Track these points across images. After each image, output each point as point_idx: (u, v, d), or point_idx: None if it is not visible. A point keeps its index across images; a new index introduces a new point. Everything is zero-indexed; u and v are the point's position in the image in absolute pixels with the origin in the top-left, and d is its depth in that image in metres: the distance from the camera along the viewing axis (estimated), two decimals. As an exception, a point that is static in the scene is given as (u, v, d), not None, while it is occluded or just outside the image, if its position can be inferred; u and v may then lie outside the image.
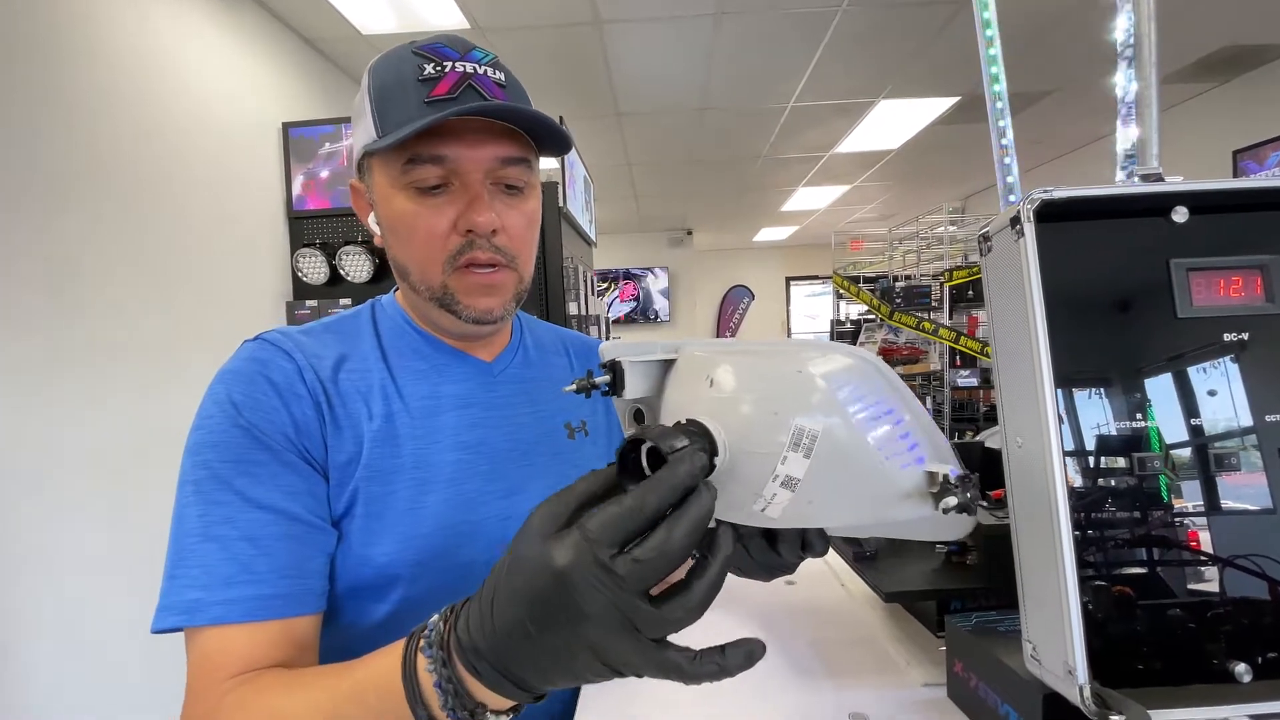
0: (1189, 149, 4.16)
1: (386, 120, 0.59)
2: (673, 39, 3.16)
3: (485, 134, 0.60)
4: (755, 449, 0.41)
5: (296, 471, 0.57)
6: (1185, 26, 3.22)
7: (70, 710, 1.75)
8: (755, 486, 0.41)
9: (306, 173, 2.74)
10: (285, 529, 0.55)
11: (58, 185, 1.76)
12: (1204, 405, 0.42)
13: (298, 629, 0.53)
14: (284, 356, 0.60)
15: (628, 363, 0.49)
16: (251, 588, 0.51)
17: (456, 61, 0.59)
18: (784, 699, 0.59)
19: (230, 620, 0.50)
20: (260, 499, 0.54)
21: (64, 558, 1.75)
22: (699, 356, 0.48)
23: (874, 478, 0.42)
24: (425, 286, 0.63)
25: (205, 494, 0.54)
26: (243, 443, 0.55)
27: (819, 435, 0.40)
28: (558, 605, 0.34)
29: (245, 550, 0.52)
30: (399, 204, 0.61)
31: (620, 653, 0.34)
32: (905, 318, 4.31)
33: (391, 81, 0.60)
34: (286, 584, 0.53)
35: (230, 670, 0.49)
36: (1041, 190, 0.41)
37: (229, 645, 0.50)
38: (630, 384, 0.49)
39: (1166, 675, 0.41)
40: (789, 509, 0.41)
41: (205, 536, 0.52)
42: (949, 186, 6.59)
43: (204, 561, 0.52)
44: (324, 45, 3.09)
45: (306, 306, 2.69)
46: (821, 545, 0.49)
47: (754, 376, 0.44)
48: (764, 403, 0.42)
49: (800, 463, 0.40)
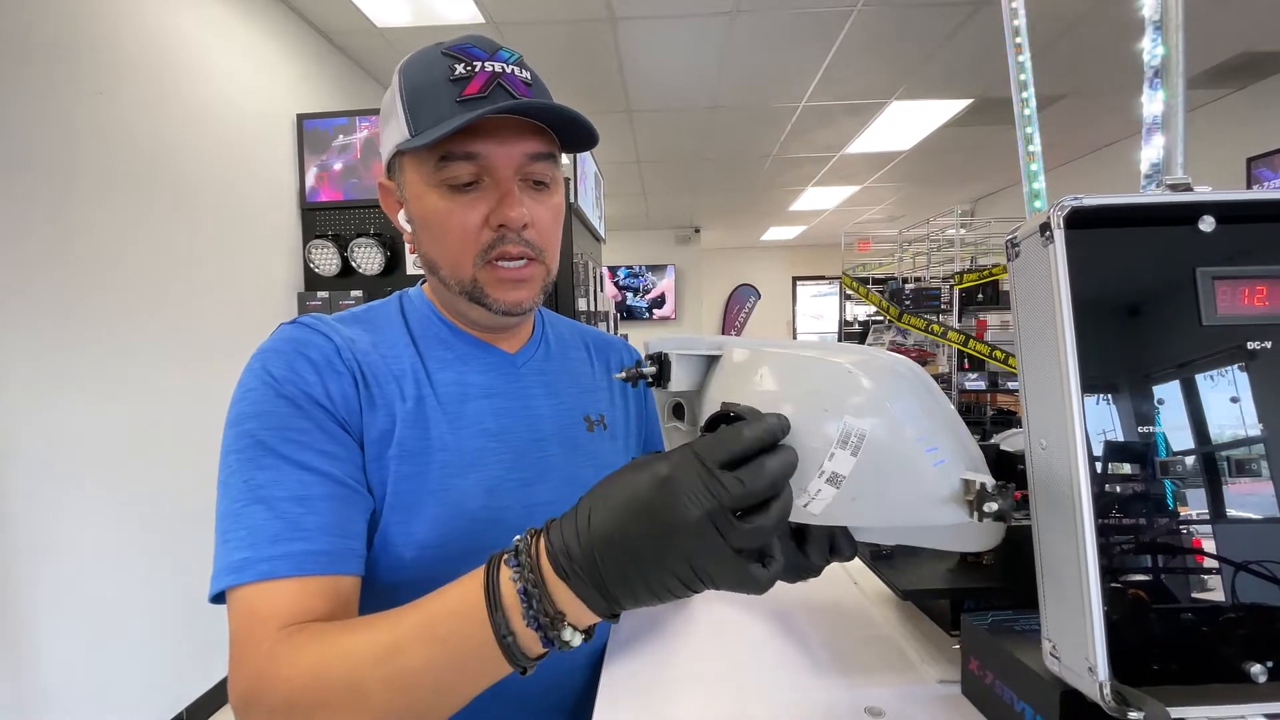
0: (1204, 155, 4.14)
1: (419, 120, 0.60)
2: (686, 37, 3.16)
3: (515, 131, 0.62)
4: (805, 443, 0.42)
5: (336, 439, 0.58)
6: (1201, 33, 3.20)
7: (81, 696, 1.77)
8: (800, 483, 0.42)
9: (320, 165, 2.75)
10: (330, 490, 0.56)
11: (74, 177, 1.78)
12: (1227, 412, 0.43)
13: (342, 587, 0.54)
14: (321, 337, 0.62)
15: (675, 355, 0.50)
16: (299, 544, 0.52)
17: (485, 61, 0.61)
18: (800, 694, 0.60)
19: (278, 575, 0.51)
20: (306, 461, 0.55)
21: (77, 546, 1.77)
22: (745, 353, 0.49)
23: (914, 481, 0.43)
24: (456, 281, 0.65)
25: (251, 460, 0.54)
26: (285, 411, 0.56)
27: (866, 434, 0.41)
28: (660, 507, 0.37)
29: (293, 509, 0.53)
30: (432, 201, 0.62)
31: (709, 561, 0.37)
32: (914, 320, 4.31)
33: (423, 82, 0.61)
34: (331, 541, 0.54)
35: (279, 622, 0.50)
36: (1072, 197, 0.42)
37: (276, 599, 0.51)
38: (676, 376, 0.51)
39: (1183, 675, 0.42)
40: (832, 506, 0.42)
41: (252, 499, 0.53)
42: (958, 189, 6.58)
43: (251, 523, 0.52)
44: (338, 38, 3.11)
45: (318, 298, 2.71)
46: (849, 549, 0.51)
47: (805, 374, 0.45)
48: (815, 399, 0.43)
49: (847, 460, 0.41)
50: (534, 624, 0.40)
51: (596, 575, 0.38)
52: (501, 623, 0.40)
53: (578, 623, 0.40)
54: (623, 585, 0.38)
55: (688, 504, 0.36)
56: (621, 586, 0.38)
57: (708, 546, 0.37)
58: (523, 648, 0.41)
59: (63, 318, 1.73)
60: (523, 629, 0.40)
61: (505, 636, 0.41)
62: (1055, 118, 4.31)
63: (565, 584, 0.39)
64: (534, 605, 0.40)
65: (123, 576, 1.89)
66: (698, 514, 0.36)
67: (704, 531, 0.36)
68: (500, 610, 0.41)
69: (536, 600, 0.40)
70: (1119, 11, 2.89)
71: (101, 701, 1.81)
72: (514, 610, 0.40)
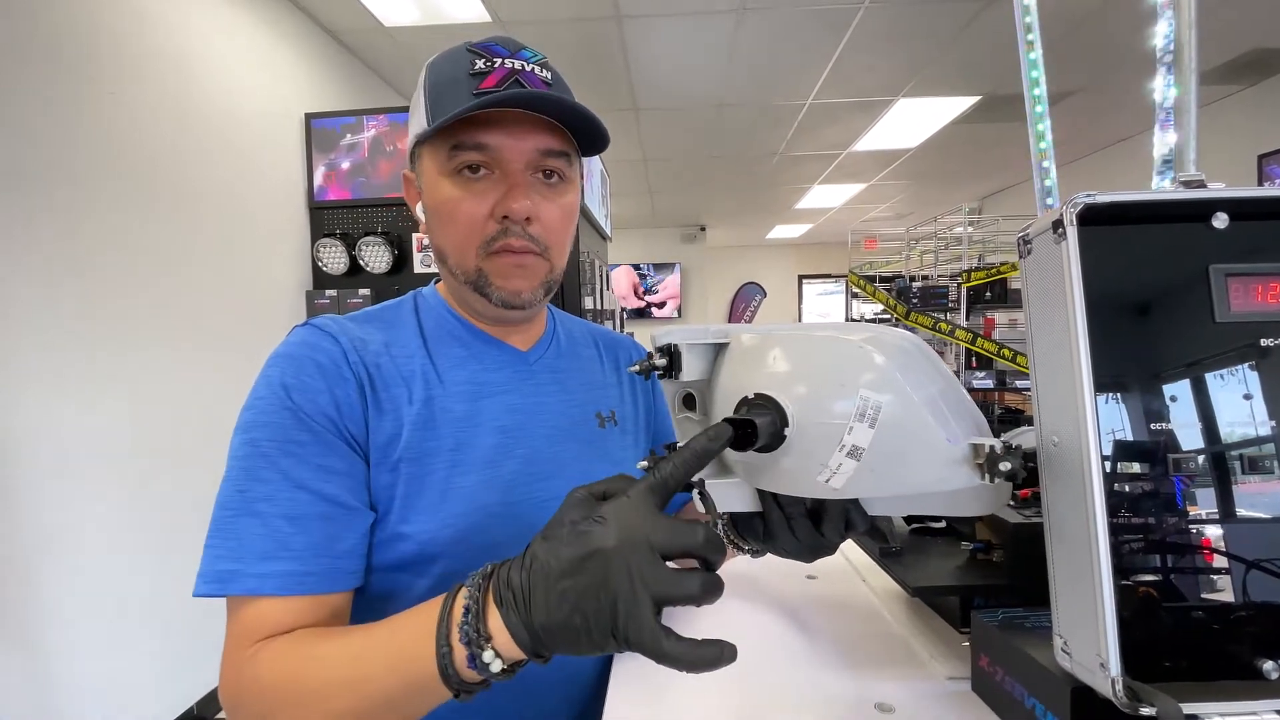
0: (1214, 151, 4.11)
1: (438, 111, 0.62)
2: (693, 34, 3.16)
3: (528, 125, 0.63)
4: (823, 419, 0.43)
5: (337, 453, 0.59)
6: (1212, 29, 3.18)
7: (94, 689, 1.79)
8: (821, 457, 0.43)
9: (328, 163, 2.76)
10: (322, 510, 0.57)
11: (85, 176, 1.79)
12: (1239, 409, 0.43)
13: (331, 603, 0.56)
14: (330, 340, 0.63)
15: (684, 346, 0.52)
16: (286, 564, 0.54)
17: (506, 58, 0.62)
18: (810, 690, 0.61)
19: (264, 593, 0.53)
20: (301, 479, 0.56)
21: (91, 542, 1.79)
22: (755, 339, 0.50)
23: (928, 448, 0.44)
24: (461, 270, 0.66)
25: (250, 471, 0.56)
26: (289, 424, 0.58)
27: (883, 406, 0.43)
28: (595, 576, 0.39)
29: (283, 528, 0.55)
30: (444, 189, 0.64)
31: (631, 630, 0.38)
32: (922, 318, 4.30)
33: (445, 77, 0.63)
34: (320, 562, 0.55)
35: (264, 633, 0.52)
36: (1085, 194, 0.42)
37: (264, 613, 0.53)
38: (687, 366, 0.52)
39: (1194, 672, 0.42)
40: (854, 478, 0.44)
41: (245, 511, 0.55)
42: (965, 186, 6.55)
43: (241, 535, 0.54)
44: (346, 37, 3.12)
45: (326, 296, 2.72)
46: (863, 522, 0.52)
47: (818, 353, 0.47)
48: (830, 376, 0.44)
49: (865, 432, 0.42)
50: (464, 639, 0.41)
51: (526, 612, 0.40)
52: (443, 635, 0.42)
53: (504, 651, 0.41)
54: (545, 629, 0.40)
55: (623, 581, 0.38)
56: (544, 630, 0.40)
57: (632, 621, 0.38)
58: (456, 665, 0.42)
59: (74, 316, 1.75)
60: (457, 643, 0.42)
61: (442, 647, 0.42)
62: (1066, 113, 4.29)
63: (498, 610, 0.41)
64: (469, 621, 0.41)
65: (135, 571, 1.91)
66: (627, 591, 0.38)
67: (633, 610, 0.38)
68: (445, 623, 0.43)
69: (473, 616, 0.41)
70: (1130, 5, 2.87)
71: (113, 694, 1.83)
72: (455, 625, 0.42)
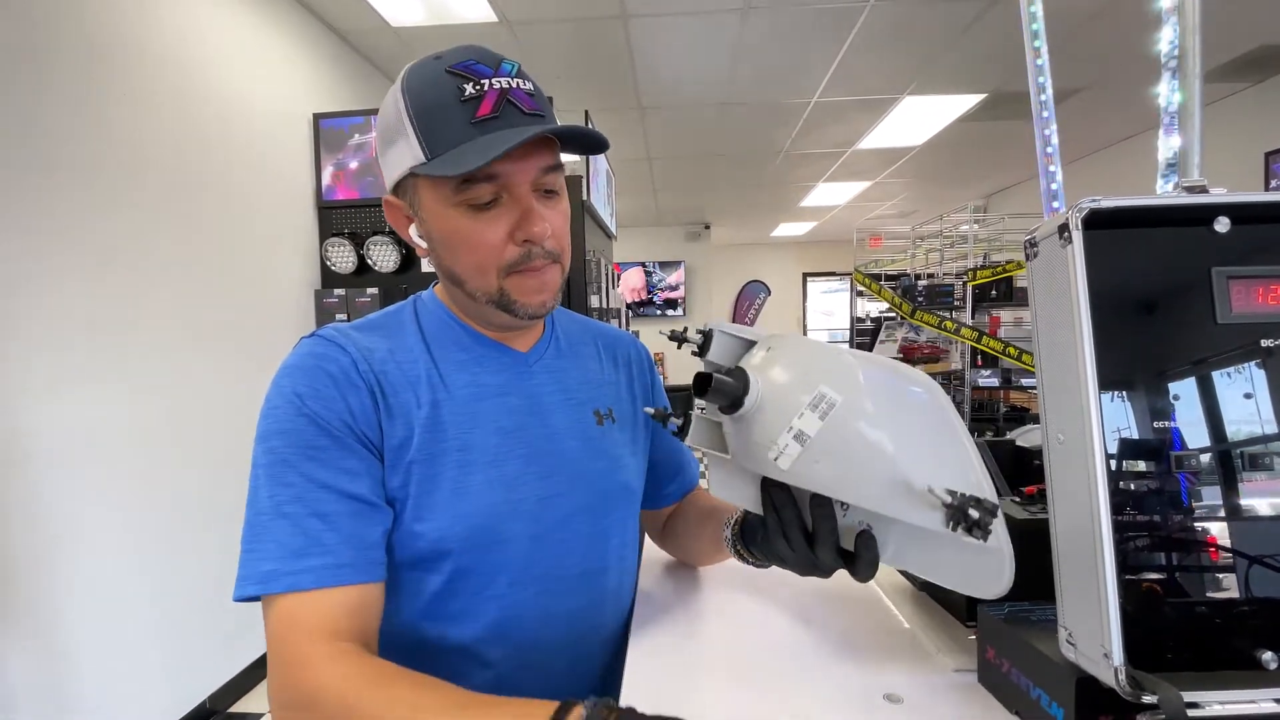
0: (1220, 150, 4.10)
1: (435, 142, 0.61)
2: (698, 33, 3.16)
3: (529, 148, 0.63)
4: (780, 398, 0.49)
5: (355, 455, 0.62)
6: (1218, 27, 3.17)
7: (106, 684, 1.81)
8: (772, 434, 0.49)
9: (336, 163, 2.78)
10: (348, 507, 0.59)
11: (94, 176, 1.81)
12: (1241, 408, 0.44)
13: (365, 593, 0.59)
14: (339, 350, 0.64)
15: (718, 332, 0.58)
16: (321, 558, 0.56)
17: (492, 79, 0.61)
18: (820, 681, 0.62)
19: (304, 587, 0.55)
20: (325, 480, 0.59)
21: (103, 538, 1.82)
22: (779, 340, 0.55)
23: (877, 463, 0.48)
24: (482, 292, 0.67)
25: (275, 477, 0.58)
26: (307, 430, 0.60)
27: (837, 404, 0.47)
28: None
29: (314, 525, 0.57)
30: (454, 221, 0.64)
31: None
32: (927, 316, 4.30)
33: (432, 103, 0.61)
34: (352, 554, 0.58)
35: (311, 624, 0.55)
36: (1090, 199, 0.43)
37: (306, 606, 0.55)
38: (715, 350, 0.58)
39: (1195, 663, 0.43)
40: (797, 463, 0.48)
41: (277, 514, 0.57)
42: (970, 184, 6.53)
43: (277, 537, 0.57)
44: (354, 37, 3.13)
45: (334, 295, 2.74)
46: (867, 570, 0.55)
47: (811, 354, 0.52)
48: (800, 365, 0.50)
49: (814, 422, 0.47)
50: None
51: None
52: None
53: None
54: None
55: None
56: None
57: None
58: None
59: (86, 315, 1.77)
60: None
61: None
62: (1072, 112, 4.28)
63: None
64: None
65: (146, 568, 1.93)
66: None
67: None
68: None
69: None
70: (1135, 3, 2.86)
71: (126, 690, 1.85)
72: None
